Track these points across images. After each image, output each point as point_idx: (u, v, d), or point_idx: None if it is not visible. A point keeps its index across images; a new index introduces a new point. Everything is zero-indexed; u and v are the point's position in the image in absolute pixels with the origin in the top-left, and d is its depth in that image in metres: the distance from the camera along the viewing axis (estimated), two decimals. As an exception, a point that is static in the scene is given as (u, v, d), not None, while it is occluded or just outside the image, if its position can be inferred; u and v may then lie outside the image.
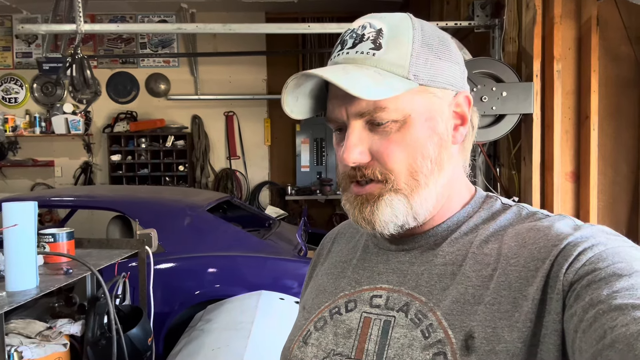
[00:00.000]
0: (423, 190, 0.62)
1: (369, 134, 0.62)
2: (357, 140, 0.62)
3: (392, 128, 0.61)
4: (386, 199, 0.62)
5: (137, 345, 1.96)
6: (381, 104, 0.60)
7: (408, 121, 0.61)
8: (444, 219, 0.66)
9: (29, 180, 6.08)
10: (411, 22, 0.63)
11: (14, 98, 6.03)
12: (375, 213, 0.62)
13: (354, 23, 0.64)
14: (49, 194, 3.50)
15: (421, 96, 0.62)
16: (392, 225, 0.63)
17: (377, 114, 0.60)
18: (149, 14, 5.95)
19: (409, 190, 0.62)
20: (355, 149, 0.61)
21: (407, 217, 0.63)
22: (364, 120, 0.62)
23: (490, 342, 0.53)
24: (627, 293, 0.46)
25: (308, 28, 3.33)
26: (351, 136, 0.62)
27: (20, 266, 1.53)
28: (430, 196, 0.63)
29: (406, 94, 0.60)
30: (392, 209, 0.62)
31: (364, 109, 0.61)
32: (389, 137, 0.61)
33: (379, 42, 0.61)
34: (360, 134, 0.62)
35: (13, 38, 5.97)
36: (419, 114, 0.62)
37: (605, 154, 2.41)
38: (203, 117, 6.10)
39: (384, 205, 0.62)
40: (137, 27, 5.23)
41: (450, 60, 0.64)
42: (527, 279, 0.55)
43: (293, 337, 0.70)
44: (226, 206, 3.84)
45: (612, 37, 2.37)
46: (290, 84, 0.62)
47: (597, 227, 0.58)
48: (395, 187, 0.62)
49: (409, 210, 0.62)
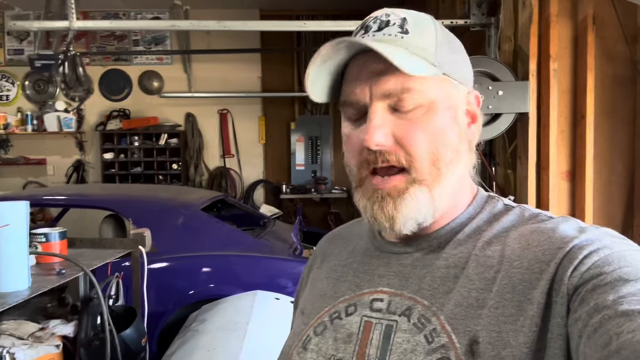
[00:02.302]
0: (444, 180, 0.61)
1: (391, 117, 0.60)
2: (380, 121, 0.59)
3: (417, 113, 0.60)
4: (411, 192, 0.60)
5: (130, 346, 1.94)
6: (409, 85, 0.59)
7: (432, 107, 0.60)
8: (448, 220, 0.65)
9: (21, 179, 6.02)
10: (431, 17, 0.63)
11: (5, 95, 5.98)
12: (398, 208, 0.60)
13: (373, 13, 0.63)
14: (41, 192, 3.47)
15: (444, 85, 0.61)
16: (413, 222, 0.61)
17: (404, 95, 0.59)
18: (142, 10, 5.91)
19: (431, 181, 0.60)
20: (379, 131, 0.58)
21: (428, 214, 0.61)
22: (387, 103, 0.60)
23: (496, 347, 0.52)
24: (633, 299, 0.46)
25: (304, 25, 3.33)
26: (375, 117, 0.59)
27: (12, 267, 1.51)
28: (448, 187, 0.62)
29: (432, 80, 0.60)
30: (418, 203, 0.60)
31: (391, 90, 0.59)
32: (414, 122, 0.60)
33: (405, 28, 0.60)
34: (383, 116, 0.59)
35: (4, 35, 5.91)
36: (442, 101, 0.61)
37: (601, 153, 2.41)
38: (197, 115, 6.06)
39: (410, 199, 0.60)
40: (131, 24, 5.20)
41: (464, 59, 0.65)
42: (531, 282, 0.54)
43: (292, 343, 0.68)
44: (220, 205, 3.82)
45: (609, 36, 2.37)
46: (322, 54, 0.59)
47: (603, 230, 0.57)
48: (419, 177, 0.60)
49: (430, 205, 0.61)
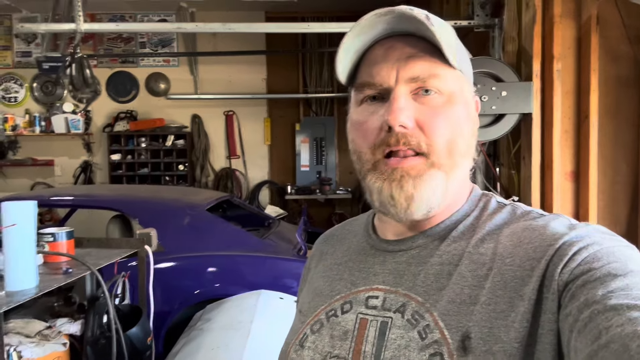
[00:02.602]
0: (457, 170, 0.62)
1: (414, 103, 0.61)
2: (405, 104, 0.60)
3: (438, 101, 0.61)
4: (431, 174, 0.60)
5: (136, 344, 1.96)
6: (436, 71, 0.60)
7: (452, 98, 0.62)
8: (444, 218, 0.66)
9: (29, 180, 6.07)
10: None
11: (13, 97, 6.03)
12: (417, 188, 0.59)
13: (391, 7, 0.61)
14: (49, 193, 3.50)
15: (461, 80, 0.64)
16: (426, 206, 0.61)
17: (431, 81, 0.60)
18: (148, 13, 5.95)
19: (448, 168, 0.61)
20: (404, 112, 0.59)
21: (441, 200, 0.61)
22: (411, 88, 0.61)
23: (487, 343, 0.53)
24: (622, 293, 0.47)
25: (308, 27, 3.34)
26: (399, 99, 0.60)
27: (20, 265, 1.54)
28: (460, 179, 0.63)
29: (454, 73, 0.62)
30: (435, 187, 0.60)
31: (419, 74, 0.60)
32: (435, 109, 0.61)
33: (431, 21, 0.59)
34: (407, 100, 0.60)
35: (13, 37, 5.96)
36: (460, 95, 0.63)
37: (605, 154, 2.41)
38: (203, 116, 6.09)
39: (429, 180, 0.60)
40: (137, 27, 5.24)
41: (470, 64, 0.67)
42: (523, 279, 0.55)
43: (290, 341, 0.69)
44: (226, 205, 3.84)
45: (612, 36, 2.36)
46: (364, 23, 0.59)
47: (592, 227, 0.58)
48: (438, 161, 0.60)
49: (445, 191, 0.61)
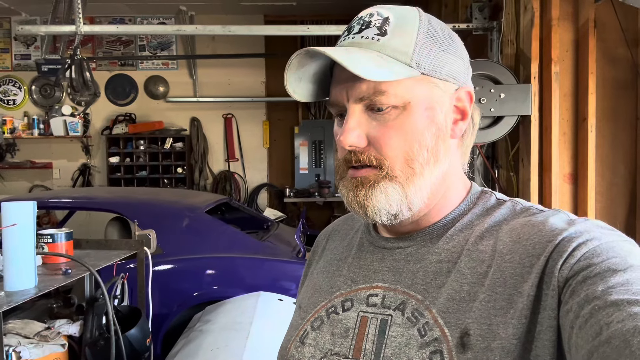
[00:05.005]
0: (418, 179, 0.62)
1: (367, 119, 0.62)
2: (355, 124, 0.62)
3: (391, 114, 0.61)
4: (381, 186, 0.61)
5: (135, 346, 1.96)
6: (381, 88, 0.60)
7: (407, 108, 0.61)
8: (441, 216, 0.66)
9: (27, 182, 6.07)
10: (418, 14, 0.64)
11: (12, 100, 6.03)
12: (369, 198, 0.62)
13: (363, 11, 0.65)
14: (47, 195, 3.50)
15: (422, 85, 0.62)
16: (385, 213, 0.62)
17: (377, 98, 0.60)
18: (148, 16, 5.96)
19: (404, 178, 0.62)
20: (353, 132, 0.61)
21: (401, 207, 0.62)
22: (363, 105, 0.62)
23: (486, 339, 0.53)
24: (622, 288, 0.47)
25: (307, 30, 3.34)
26: (350, 120, 0.62)
27: (19, 266, 1.53)
28: (425, 185, 0.63)
29: (407, 81, 0.61)
30: (387, 197, 0.61)
31: (364, 93, 0.61)
32: (387, 124, 0.61)
33: (384, 29, 0.61)
34: (359, 118, 0.62)
35: (12, 40, 5.97)
36: (418, 102, 0.62)
37: (603, 156, 2.42)
38: (202, 119, 6.10)
39: (379, 192, 0.61)
40: (137, 29, 5.25)
41: (454, 55, 0.65)
42: (522, 276, 0.55)
43: (290, 337, 0.69)
44: (225, 208, 3.84)
45: (610, 39, 2.38)
46: (294, 62, 0.62)
47: (592, 222, 0.57)
48: (390, 174, 0.61)
49: (403, 200, 0.62)
